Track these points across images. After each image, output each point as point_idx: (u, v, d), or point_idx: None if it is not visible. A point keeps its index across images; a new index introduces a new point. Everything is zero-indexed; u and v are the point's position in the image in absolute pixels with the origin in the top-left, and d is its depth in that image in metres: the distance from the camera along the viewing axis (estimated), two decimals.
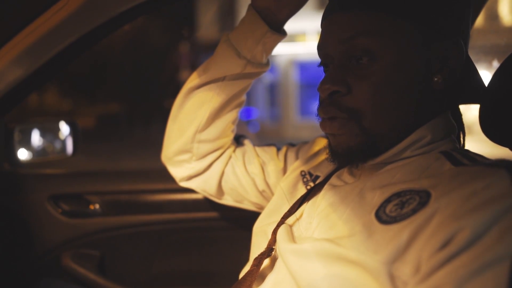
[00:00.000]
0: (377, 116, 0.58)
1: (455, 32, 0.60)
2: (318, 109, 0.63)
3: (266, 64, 0.82)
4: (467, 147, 0.63)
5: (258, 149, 0.90)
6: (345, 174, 0.67)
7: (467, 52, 0.63)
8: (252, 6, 0.77)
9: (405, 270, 0.47)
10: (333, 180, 0.68)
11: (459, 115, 0.69)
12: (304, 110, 13.46)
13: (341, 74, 0.59)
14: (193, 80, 0.83)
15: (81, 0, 0.78)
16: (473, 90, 0.66)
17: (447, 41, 0.59)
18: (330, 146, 0.64)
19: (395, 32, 0.56)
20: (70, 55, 0.92)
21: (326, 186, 0.67)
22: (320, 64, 0.65)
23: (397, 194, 0.54)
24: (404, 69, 0.57)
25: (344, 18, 0.59)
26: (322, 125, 0.63)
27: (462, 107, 0.71)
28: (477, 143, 0.89)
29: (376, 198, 0.56)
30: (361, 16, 0.57)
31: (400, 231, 0.48)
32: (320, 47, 0.63)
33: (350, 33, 0.57)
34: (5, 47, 0.84)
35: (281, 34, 0.79)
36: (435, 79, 0.59)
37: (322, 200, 0.64)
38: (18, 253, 1.19)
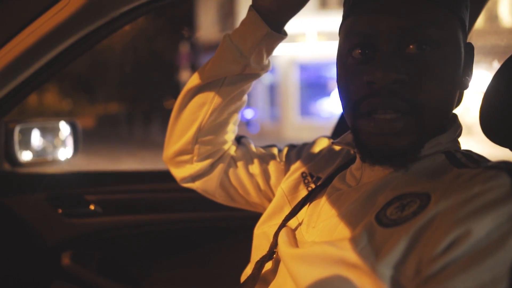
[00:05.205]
0: (436, 110, 0.56)
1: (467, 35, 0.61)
2: (366, 102, 0.55)
3: (266, 65, 0.82)
4: (466, 147, 0.63)
5: (259, 149, 0.90)
6: (347, 176, 0.67)
7: None
8: (252, 6, 0.77)
9: (405, 273, 0.47)
10: (335, 182, 0.68)
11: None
12: (304, 111, 13.46)
13: (402, 62, 0.54)
14: (193, 81, 0.83)
15: (82, 1, 0.78)
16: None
17: (469, 42, 0.60)
18: (362, 143, 0.58)
19: (451, 27, 0.57)
20: (71, 55, 0.92)
21: (328, 189, 0.67)
22: (353, 46, 0.58)
23: (398, 197, 0.54)
24: (456, 63, 0.57)
25: (406, 6, 0.55)
26: (378, 123, 0.55)
27: (461, 108, 0.71)
28: (477, 143, 0.89)
29: (377, 201, 0.56)
30: (424, 7, 0.55)
31: (401, 235, 0.48)
32: (363, 28, 0.57)
33: (416, 23, 0.54)
34: (5, 47, 0.84)
35: (282, 34, 0.79)
36: (467, 78, 0.60)
37: (324, 203, 0.64)
38: (18, 253, 1.19)
